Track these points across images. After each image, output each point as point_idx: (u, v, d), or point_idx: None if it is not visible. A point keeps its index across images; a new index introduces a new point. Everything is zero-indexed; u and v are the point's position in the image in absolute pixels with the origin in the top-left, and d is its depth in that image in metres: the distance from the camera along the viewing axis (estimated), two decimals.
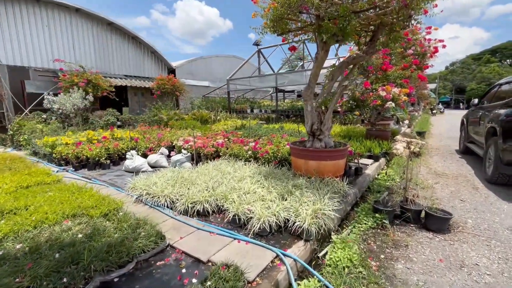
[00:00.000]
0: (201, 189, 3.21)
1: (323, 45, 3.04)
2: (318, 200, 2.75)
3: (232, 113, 13.25)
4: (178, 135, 6.63)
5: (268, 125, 10.55)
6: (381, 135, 6.93)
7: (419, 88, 23.50)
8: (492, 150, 4.28)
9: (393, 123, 9.22)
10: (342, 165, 3.64)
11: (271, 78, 12.22)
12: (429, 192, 3.91)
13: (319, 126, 3.62)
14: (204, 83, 16.74)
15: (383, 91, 6.31)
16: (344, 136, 7.45)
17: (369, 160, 5.44)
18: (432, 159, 6.22)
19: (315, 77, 3.42)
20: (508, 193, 3.80)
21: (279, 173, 3.73)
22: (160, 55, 14.48)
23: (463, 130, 6.74)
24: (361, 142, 6.34)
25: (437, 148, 7.65)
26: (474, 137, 5.74)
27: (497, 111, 4.36)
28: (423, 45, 7.55)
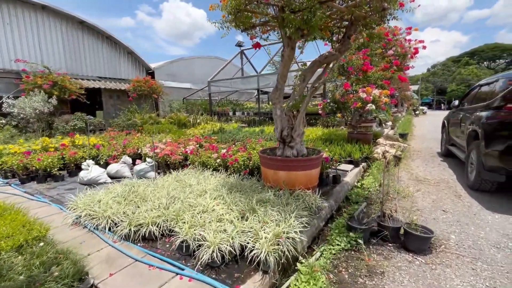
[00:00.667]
0: (152, 207, 2.77)
1: (288, 41, 2.68)
2: (282, 220, 2.37)
3: (214, 116, 12.79)
4: (147, 141, 6.12)
5: (249, 129, 10.17)
6: (363, 138, 6.68)
7: (402, 89, 23.86)
8: (474, 154, 4.06)
9: (376, 125, 9.05)
10: (315, 175, 3.28)
11: (253, 80, 11.87)
12: (410, 202, 3.63)
13: (289, 132, 3.26)
14: (185, 85, 16.19)
15: (363, 93, 6.07)
16: (326, 139, 7.17)
17: (349, 166, 5.15)
18: (414, 162, 6.01)
19: (283, 78, 3.06)
20: (491, 201, 3.57)
21: (247, 185, 3.34)
22: (137, 56, 13.84)
23: (444, 132, 6.60)
24: (342, 146, 6.07)
25: (419, 150, 7.50)
26: (455, 139, 5.56)
27: (478, 114, 4.15)
28: (404, 46, 7.39)
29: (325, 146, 6.22)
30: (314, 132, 8.51)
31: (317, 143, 6.65)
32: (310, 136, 8.00)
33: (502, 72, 4.54)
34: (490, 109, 3.85)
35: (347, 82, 6.47)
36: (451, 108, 6.09)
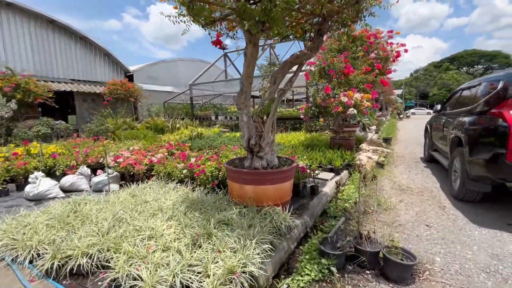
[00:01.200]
0: (89, 232, 2.31)
1: (249, 37, 2.33)
2: (241, 247, 1.98)
3: (195, 121, 12.32)
4: (113, 149, 5.61)
5: (231, 134, 9.77)
6: (345, 144, 6.43)
7: (386, 93, 24.18)
8: (457, 162, 3.83)
9: (359, 130, 8.87)
10: (287, 189, 2.92)
11: (235, 83, 11.51)
12: (392, 216, 3.33)
13: (257, 141, 2.89)
14: (167, 88, 15.63)
15: (344, 97, 5.81)
16: (308, 145, 6.87)
17: (330, 174, 4.84)
18: (397, 169, 5.79)
19: (248, 79, 2.70)
20: (476, 213, 3.32)
21: (210, 201, 2.93)
22: (115, 58, 13.21)
23: (427, 137, 6.44)
24: (323, 152, 5.78)
25: (402, 156, 7.32)
26: (438, 145, 5.38)
27: (461, 119, 3.94)
28: (386, 49, 7.24)
29: (306, 152, 5.92)
30: (296, 137, 8.22)
31: (298, 149, 6.34)
32: (292, 141, 7.70)
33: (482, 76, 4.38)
34: (473, 115, 3.64)
35: (327, 85, 6.22)
36: (433, 112, 5.93)
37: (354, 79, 6.32)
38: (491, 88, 3.47)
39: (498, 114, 2.94)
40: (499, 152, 2.83)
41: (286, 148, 6.59)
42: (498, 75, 3.54)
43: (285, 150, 6.27)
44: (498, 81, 3.32)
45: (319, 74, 6.60)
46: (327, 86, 6.12)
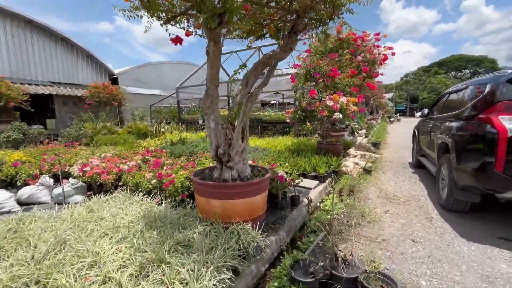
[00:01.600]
0: (23, 258, 1.98)
1: (209, 33, 2.05)
2: (194, 277, 1.69)
3: (181, 125, 11.97)
4: (83, 156, 5.24)
5: None
6: (332, 149, 6.21)
7: (377, 97, 24.29)
8: (445, 169, 3.62)
9: (348, 134, 8.69)
10: (260, 203, 2.64)
11: (222, 86, 11.22)
12: (376, 229, 3.08)
13: (226, 150, 2.61)
14: (154, 92, 15.25)
15: (330, 101, 5.60)
16: (294, 150, 6.63)
17: (314, 182, 4.59)
18: (385, 175, 5.58)
19: (213, 81, 2.42)
20: (465, 225, 3.10)
21: (175, 217, 2.62)
22: (98, 60, 12.78)
23: (415, 142, 6.27)
24: (309, 158, 5.53)
25: (391, 161, 7.14)
26: (425, 150, 5.20)
27: (448, 124, 3.75)
28: (373, 52, 7.10)
29: (292, 158, 5.67)
30: (283, 142, 7.97)
31: (283, 155, 6.09)
32: (279, 146, 7.45)
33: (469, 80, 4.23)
34: (460, 120, 3.45)
35: (313, 89, 6.00)
36: (420, 116, 5.77)
37: (340, 82, 6.12)
38: (478, 92, 3.29)
39: (486, 119, 2.73)
40: (487, 161, 2.62)
41: (271, 154, 6.33)
42: (484, 78, 3.37)
43: (270, 156, 6.00)
44: (485, 84, 3.14)
45: (304, 77, 6.39)
46: (313, 90, 5.90)
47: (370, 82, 6.24)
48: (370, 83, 6.21)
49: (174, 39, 2.29)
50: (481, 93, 3.15)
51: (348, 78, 6.21)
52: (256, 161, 4.72)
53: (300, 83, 6.33)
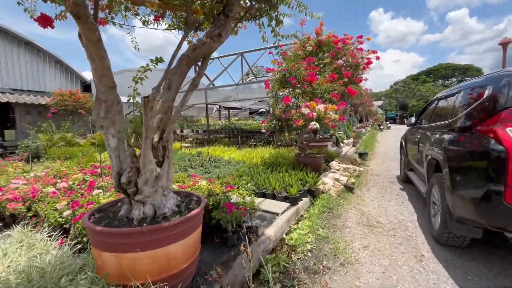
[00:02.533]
0: None
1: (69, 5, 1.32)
2: None
3: None
4: (11, 174, 4.38)
5: (190, 150, 8.68)
6: (312, 162, 5.52)
7: (366, 104, 24.00)
8: (436, 191, 2.94)
9: (331, 145, 8.04)
10: (181, 254, 1.85)
11: (200, 93, 10.53)
12: (350, 276, 2.33)
13: (132, 178, 1.85)
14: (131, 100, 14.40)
15: (306, 108, 4.93)
16: (270, 164, 5.91)
17: (284, 204, 3.84)
18: (369, 193, 4.88)
19: (103, 80, 1.69)
20: (466, 269, 2.39)
21: (60, 274, 1.83)
22: (68, 66, 11.94)
23: (403, 154, 5.63)
24: (283, 174, 4.82)
25: (377, 174, 6.48)
26: (414, 164, 4.54)
27: (438, 136, 3.09)
28: (355, 56, 6.52)
29: (264, 174, 4.93)
30: (260, 154, 7.25)
31: (256, 169, 5.36)
32: (254, 159, 6.72)
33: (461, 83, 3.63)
34: (453, 131, 2.78)
35: (287, 95, 5.34)
36: (407, 125, 5.14)
37: (318, 88, 5.48)
38: (474, 97, 2.64)
39: (489, 132, 2.06)
40: (493, 189, 1.93)
41: (243, 168, 5.60)
42: (480, 80, 2.73)
43: (241, 170, 5.27)
44: (483, 87, 2.49)
45: (279, 82, 5.72)
46: (287, 96, 5.24)
47: (351, 88, 5.62)
48: (351, 88, 5.59)
49: (39, 19, 1.55)
50: (478, 98, 2.50)
51: (327, 83, 5.57)
52: (215, 179, 3.96)
53: (274, 89, 5.66)
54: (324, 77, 5.60)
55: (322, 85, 5.50)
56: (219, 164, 6.14)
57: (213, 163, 6.36)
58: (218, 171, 5.42)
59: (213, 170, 5.51)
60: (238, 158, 6.97)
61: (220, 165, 6.03)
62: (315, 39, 6.70)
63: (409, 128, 5.25)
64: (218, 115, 20.99)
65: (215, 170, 5.51)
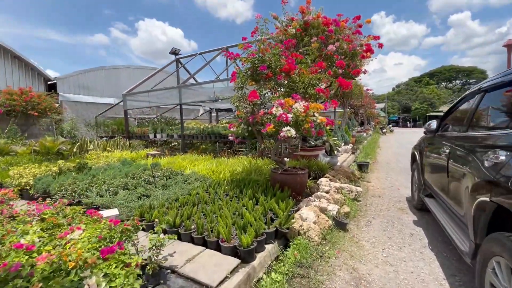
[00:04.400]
0: None
1: None
2: None
3: (125, 140, 9.69)
4: None
5: (153, 159, 7.21)
6: (291, 182, 4.07)
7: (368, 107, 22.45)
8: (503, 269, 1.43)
9: (323, 154, 6.53)
10: None
11: (174, 93, 9.08)
12: None
13: None
14: (106, 100, 13.00)
15: (278, 107, 3.44)
16: (238, 182, 4.47)
17: (231, 262, 2.35)
18: (369, 231, 3.36)
19: None
20: None
21: None
22: (29, 62, 10.54)
23: (416, 171, 4.10)
24: (247, 200, 3.35)
25: (380, 194, 4.96)
26: (438, 193, 3.02)
27: (496, 156, 1.59)
28: (351, 40, 5.03)
29: (227, 196, 3.45)
30: (234, 166, 5.76)
31: (217, 191, 3.89)
32: (222, 174, 5.24)
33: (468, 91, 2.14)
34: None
35: (254, 89, 3.86)
36: (424, 131, 3.61)
37: (299, 80, 3.99)
38: None
39: None
40: None
41: (200, 188, 4.14)
42: None
43: (193, 193, 3.80)
44: None
45: (249, 74, 4.24)
46: (253, 91, 3.75)
47: (343, 80, 4.13)
48: (342, 79, 4.11)
49: None
50: None
51: (313, 73, 4.08)
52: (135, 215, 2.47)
53: (241, 82, 4.18)
54: (307, 65, 4.12)
55: (304, 76, 4.01)
56: (171, 182, 4.66)
57: (167, 179, 4.88)
58: (161, 194, 3.93)
59: (155, 193, 4.03)
60: (203, 171, 5.49)
61: (172, 184, 4.55)
62: (300, 20, 5.22)
63: (426, 136, 3.72)
64: (208, 118, 19.55)
65: (158, 193, 4.03)
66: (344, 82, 4.03)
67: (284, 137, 3.25)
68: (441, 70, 74.36)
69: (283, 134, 3.24)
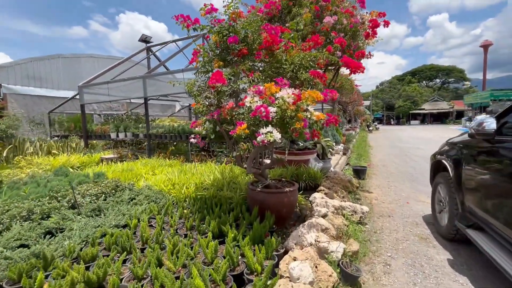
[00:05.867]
0: None
1: None
2: None
3: (82, 140, 8.14)
4: None
5: (100, 168, 5.81)
6: (275, 204, 2.88)
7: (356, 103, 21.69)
8: None
9: (315, 158, 5.39)
10: None
11: (137, 85, 7.62)
12: None
13: None
14: (64, 94, 11.25)
15: (255, 97, 2.19)
16: (205, 202, 3.24)
17: None
18: (390, 283, 2.23)
19: None
20: None
21: None
22: None
23: (446, 189, 3.00)
24: (210, 240, 2.08)
25: (389, 213, 3.87)
26: (500, 228, 1.92)
27: None
28: (353, 14, 3.88)
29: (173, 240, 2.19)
30: (203, 175, 4.50)
31: (175, 214, 2.64)
32: (184, 188, 3.98)
33: None
34: None
35: (219, 70, 2.61)
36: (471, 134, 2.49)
37: (288, 60, 2.77)
38: None
39: None
40: None
41: (148, 210, 2.88)
42: None
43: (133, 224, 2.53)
44: None
45: (214, 47, 2.98)
46: (217, 72, 2.49)
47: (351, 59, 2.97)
48: (349, 58, 2.95)
49: None
50: None
51: (306, 51, 2.87)
52: None
53: (206, 63, 2.91)
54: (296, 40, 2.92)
55: (294, 55, 2.80)
56: (110, 203, 3.34)
57: (106, 199, 3.54)
58: (80, 228, 2.61)
59: (75, 224, 2.70)
60: (161, 184, 4.19)
61: (109, 207, 3.23)
62: None
63: (471, 142, 2.60)
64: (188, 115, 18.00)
65: (80, 224, 2.71)
66: (352, 63, 2.86)
67: (263, 143, 2.03)
68: (423, 69, 75.95)
69: (262, 139, 2.02)
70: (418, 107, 56.12)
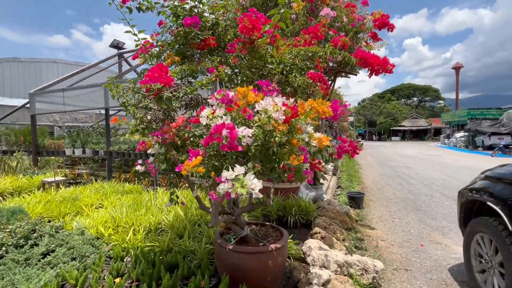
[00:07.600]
0: None
1: None
2: None
3: (31, 156, 6.79)
4: None
5: (36, 196, 4.58)
6: (255, 270, 1.82)
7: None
8: None
9: (305, 186, 4.46)
10: None
11: (99, 93, 6.50)
12: None
13: None
14: (18, 102, 9.80)
15: (221, 106, 1.17)
16: (155, 259, 2.13)
17: None
18: None
19: None
20: None
21: None
22: None
23: (488, 238, 2.15)
24: None
25: (404, 265, 2.97)
26: None
27: None
28: (355, 6, 3.11)
29: None
30: (163, 210, 3.43)
31: None
32: (131, 232, 2.90)
33: None
34: None
35: (161, 62, 1.65)
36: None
37: (270, 54, 1.87)
38: None
39: None
40: None
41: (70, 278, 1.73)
42: None
43: None
44: None
45: (172, 38, 2.02)
46: (158, 66, 1.52)
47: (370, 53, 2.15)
48: (368, 53, 2.13)
49: None
50: None
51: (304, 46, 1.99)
52: None
53: (150, 56, 1.94)
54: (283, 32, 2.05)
55: (284, 51, 1.90)
56: (14, 262, 2.19)
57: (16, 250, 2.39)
58: None
59: None
60: (101, 225, 3.07)
61: (7, 269, 2.08)
62: None
63: None
64: None
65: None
66: (375, 58, 2.02)
67: (228, 197, 1.05)
68: (401, 87, 79.37)
69: (225, 189, 1.05)
70: (398, 124, 57.79)
